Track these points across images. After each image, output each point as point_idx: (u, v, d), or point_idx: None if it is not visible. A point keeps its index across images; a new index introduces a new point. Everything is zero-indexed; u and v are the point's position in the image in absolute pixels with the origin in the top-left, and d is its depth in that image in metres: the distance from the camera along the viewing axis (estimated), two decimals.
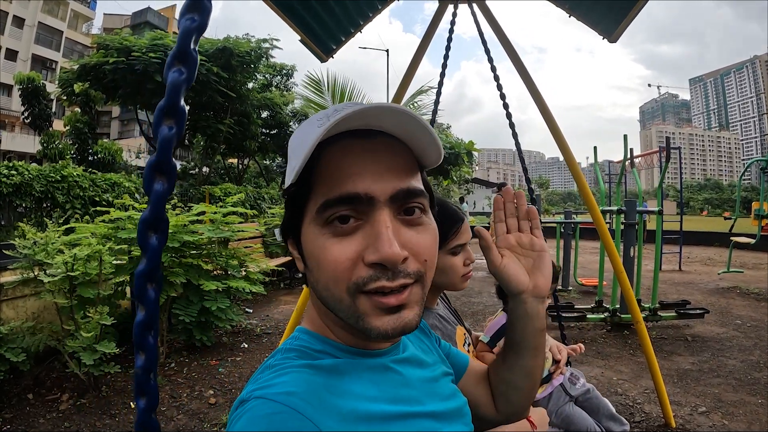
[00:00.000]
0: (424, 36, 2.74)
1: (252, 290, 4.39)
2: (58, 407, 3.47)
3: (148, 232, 0.78)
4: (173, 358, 4.43)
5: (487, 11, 2.75)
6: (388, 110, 0.60)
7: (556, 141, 2.79)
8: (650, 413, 3.41)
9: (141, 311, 0.79)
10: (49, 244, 3.70)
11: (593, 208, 2.93)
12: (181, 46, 0.75)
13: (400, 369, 0.73)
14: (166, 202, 0.80)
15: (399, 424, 0.64)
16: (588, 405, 1.92)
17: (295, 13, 2.68)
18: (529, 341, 0.87)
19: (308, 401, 0.56)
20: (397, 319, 0.61)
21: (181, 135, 0.78)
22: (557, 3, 2.85)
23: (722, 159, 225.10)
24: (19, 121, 32.70)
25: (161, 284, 0.81)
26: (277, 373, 0.61)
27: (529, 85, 2.74)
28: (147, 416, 0.81)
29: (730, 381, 3.94)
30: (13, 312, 3.89)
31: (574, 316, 5.36)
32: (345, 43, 3.06)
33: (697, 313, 5.47)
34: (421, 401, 0.71)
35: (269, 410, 0.54)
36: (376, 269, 0.59)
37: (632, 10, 2.52)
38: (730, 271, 8.52)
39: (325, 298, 0.64)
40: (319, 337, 0.70)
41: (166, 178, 0.77)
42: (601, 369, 4.25)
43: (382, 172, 0.61)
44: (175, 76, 0.75)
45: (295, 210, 0.66)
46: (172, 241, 3.94)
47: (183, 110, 0.77)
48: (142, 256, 0.78)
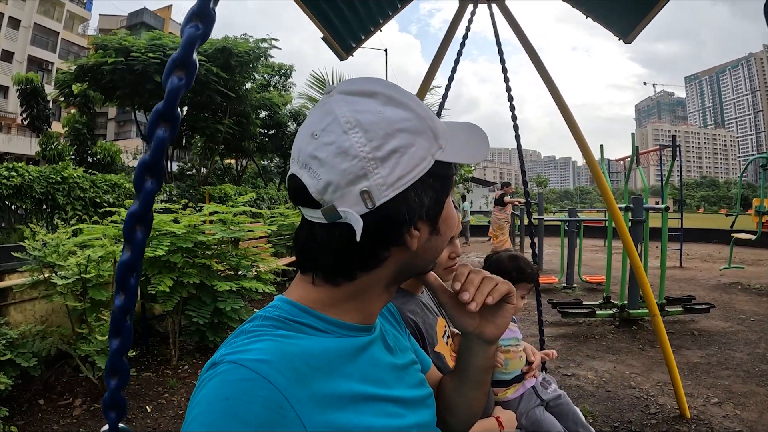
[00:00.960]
0: (445, 36, 2.75)
1: (264, 290, 4.38)
2: (71, 413, 3.42)
3: (135, 226, 0.83)
4: (186, 360, 4.40)
5: (506, 11, 2.76)
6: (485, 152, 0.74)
7: (578, 143, 2.80)
8: (665, 405, 3.45)
9: (120, 296, 0.86)
10: (60, 245, 3.66)
11: (613, 206, 2.94)
12: (184, 53, 0.78)
13: (374, 348, 0.73)
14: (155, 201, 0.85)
15: (365, 406, 0.64)
16: (558, 411, 1.91)
17: (320, 10, 2.70)
18: (473, 374, 0.88)
19: (280, 371, 0.55)
20: None
21: (173, 138, 0.84)
22: (574, 4, 2.86)
23: (718, 156, 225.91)
24: (15, 122, 32.60)
25: (140, 273, 0.89)
26: (253, 339, 0.60)
27: (549, 85, 2.75)
28: (116, 394, 0.89)
29: (738, 373, 4.00)
30: (21, 315, 3.84)
31: (584, 312, 5.38)
32: (364, 42, 3.08)
33: (703, 308, 5.51)
34: (389, 385, 0.71)
35: (240, 376, 0.54)
36: None
37: (651, 11, 2.53)
38: (731, 267, 8.56)
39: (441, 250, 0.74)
40: (302, 308, 0.68)
41: (156, 178, 0.83)
42: (613, 363, 4.28)
43: None
44: (175, 82, 0.78)
45: (446, 186, 0.71)
46: (185, 241, 3.93)
47: (177, 115, 0.82)
48: (126, 248, 0.84)
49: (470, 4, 2.72)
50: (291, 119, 18.44)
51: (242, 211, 4.54)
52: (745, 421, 3.17)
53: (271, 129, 18.25)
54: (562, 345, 4.81)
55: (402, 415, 0.70)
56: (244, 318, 4.53)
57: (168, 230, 3.93)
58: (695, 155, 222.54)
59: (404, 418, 0.70)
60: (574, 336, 5.12)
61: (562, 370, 4.15)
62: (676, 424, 3.18)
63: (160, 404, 3.58)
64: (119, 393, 0.89)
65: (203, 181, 16.23)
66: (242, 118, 15.58)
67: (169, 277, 3.76)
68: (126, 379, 0.89)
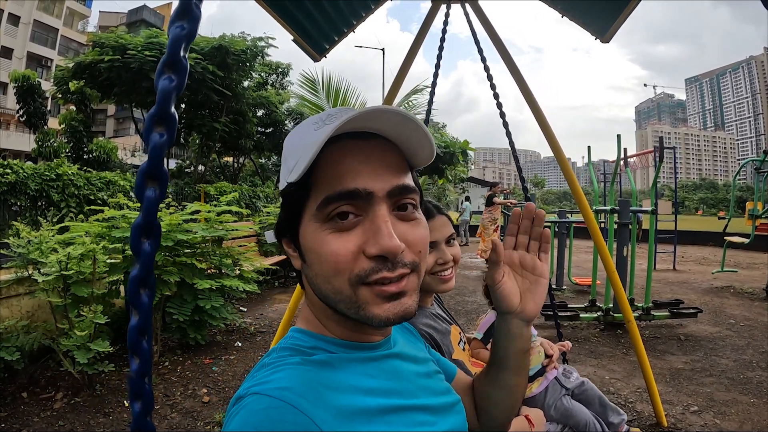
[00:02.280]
0: (417, 35, 2.75)
1: (246, 289, 4.39)
2: (52, 406, 3.46)
3: (141, 238, 0.79)
4: (167, 357, 4.42)
5: (479, 11, 2.76)
6: (387, 112, 0.63)
7: (548, 141, 2.80)
8: (642, 412, 3.43)
9: (135, 316, 0.80)
10: (43, 243, 3.69)
11: (584, 207, 2.94)
12: (172, 53, 0.76)
13: (393, 362, 0.75)
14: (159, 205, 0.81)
15: (394, 417, 0.65)
16: (584, 397, 1.94)
17: (287, 12, 2.69)
18: (512, 360, 0.88)
19: (303, 396, 0.57)
20: (397, 305, 0.64)
21: (172, 141, 0.79)
22: (550, 3, 2.86)
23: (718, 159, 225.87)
24: (14, 119, 32.53)
25: (154, 289, 0.82)
26: (273, 370, 0.63)
27: (520, 84, 2.75)
28: (143, 419, 0.82)
29: (722, 380, 3.96)
30: (8, 311, 3.87)
31: (568, 315, 5.38)
32: (338, 43, 3.06)
33: (690, 313, 5.49)
34: (415, 394, 0.72)
35: (265, 405, 0.56)
36: (377, 261, 0.63)
37: (624, 10, 2.53)
38: (724, 270, 8.56)
39: (324, 291, 0.66)
40: (312, 334, 0.72)
41: (158, 184, 0.79)
42: (594, 368, 4.26)
43: (379, 171, 0.65)
44: (165, 84, 0.76)
45: (293, 209, 0.68)
46: (165, 240, 3.94)
47: (174, 117, 0.78)
48: (134, 262, 0.79)
49: (443, 4, 2.72)
50: (288, 118, 18.40)
51: (225, 210, 4.54)
52: (724, 430, 3.14)
53: (269, 127, 18.19)
54: None
55: (432, 423, 0.71)
56: (224, 316, 4.55)
57: None
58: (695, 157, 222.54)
59: (435, 425, 0.72)
60: (557, 339, 5.10)
61: None
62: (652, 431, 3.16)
63: None
64: (146, 419, 0.82)
65: (200, 179, 16.22)
66: (239, 117, 15.52)
67: None
68: (151, 404, 0.83)
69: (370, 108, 0.62)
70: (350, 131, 0.65)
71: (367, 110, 0.61)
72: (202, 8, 0.80)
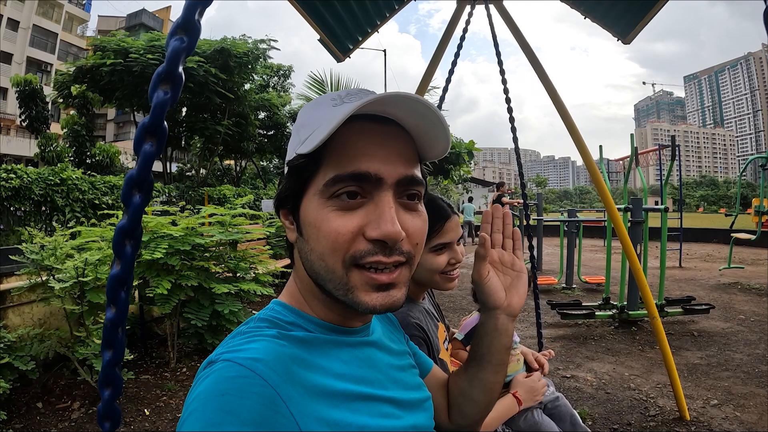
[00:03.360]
0: (443, 36, 2.74)
1: (263, 292, 4.37)
2: (69, 416, 3.40)
3: (124, 241, 0.83)
4: (184, 363, 4.39)
5: (504, 11, 2.74)
6: (412, 100, 0.63)
7: (575, 142, 2.78)
8: (664, 407, 3.44)
9: (112, 310, 0.85)
10: (57, 248, 3.64)
11: (611, 208, 2.93)
12: (170, 66, 0.77)
13: (369, 350, 0.75)
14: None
15: (360, 405, 0.65)
16: (556, 412, 1.90)
17: (316, 12, 2.69)
18: (494, 356, 0.89)
19: (274, 369, 0.57)
20: (386, 297, 0.65)
21: (161, 151, 0.83)
22: (572, 4, 2.85)
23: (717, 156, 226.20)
24: (14, 124, 32.55)
25: (131, 288, 0.88)
26: (248, 340, 0.63)
27: (547, 85, 2.73)
28: (110, 405, 0.88)
29: (738, 374, 3.99)
30: (19, 319, 3.82)
31: (583, 314, 5.37)
32: (361, 44, 3.06)
33: (702, 309, 5.50)
34: (385, 386, 0.73)
35: (234, 373, 0.55)
36: (375, 245, 0.63)
37: (650, 12, 2.52)
38: (731, 267, 8.56)
39: (316, 268, 0.66)
40: (293, 310, 0.72)
41: (144, 192, 0.82)
42: (612, 365, 4.26)
43: (392, 157, 0.66)
44: (160, 96, 0.77)
45: (298, 181, 0.68)
46: (183, 244, 3.91)
47: (165, 129, 0.81)
48: (116, 262, 0.84)
49: (468, 5, 2.71)
50: (290, 120, 18.39)
51: (240, 213, 4.52)
52: (745, 423, 3.16)
53: (270, 130, 18.19)
54: (561, 346, 4.80)
55: (398, 417, 0.71)
56: (242, 320, 4.50)
57: (166, 233, 3.92)
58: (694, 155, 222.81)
59: (400, 419, 0.71)
60: (573, 337, 5.11)
61: (561, 371, 4.14)
62: (676, 426, 3.16)
63: (158, 407, 3.56)
64: (113, 404, 0.88)
65: (202, 182, 16.21)
66: (241, 119, 15.52)
67: (167, 279, 3.74)
68: (119, 390, 0.89)
69: (395, 92, 0.62)
70: (369, 113, 0.65)
71: (391, 94, 0.61)
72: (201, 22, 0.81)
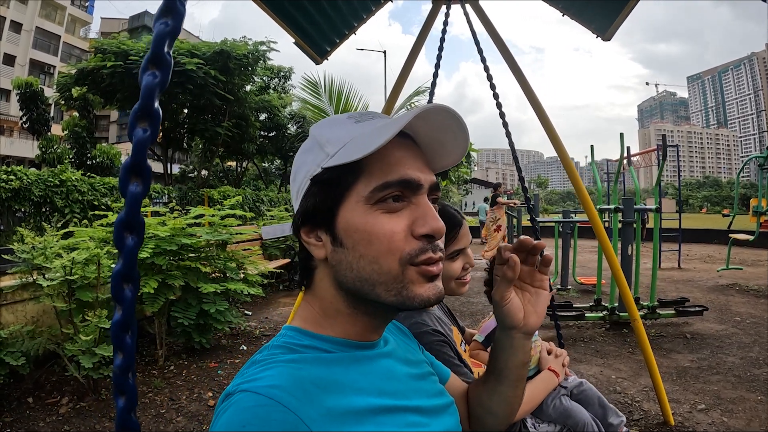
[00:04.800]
0: (418, 36, 2.74)
1: (250, 292, 4.39)
2: (57, 411, 3.45)
3: (124, 233, 0.79)
4: (172, 361, 4.41)
5: (480, 11, 2.75)
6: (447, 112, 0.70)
7: (551, 140, 2.79)
8: (649, 411, 3.40)
9: (118, 311, 0.80)
10: (47, 248, 3.69)
11: (589, 207, 2.93)
12: (156, 49, 0.77)
13: (386, 362, 0.75)
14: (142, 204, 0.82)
15: (386, 418, 0.65)
16: (583, 397, 1.91)
17: (288, 15, 2.69)
18: (512, 372, 0.88)
19: (293, 394, 0.57)
20: (434, 287, 0.68)
21: (156, 137, 0.80)
22: (551, 2, 2.85)
23: (721, 156, 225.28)
24: (17, 125, 32.68)
25: (138, 284, 0.82)
26: (263, 368, 0.63)
27: (523, 84, 2.73)
28: (127, 415, 0.81)
29: (729, 378, 3.93)
30: (13, 316, 3.87)
31: (573, 315, 5.33)
32: (339, 45, 3.06)
33: (695, 311, 5.46)
34: (407, 395, 0.72)
35: (253, 402, 0.56)
36: (424, 241, 0.67)
37: (624, 8, 2.53)
38: (729, 268, 8.51)
39: (366, 274, 0.67)
40: (307, 333, 0.72)
41: (141, 180, 0.79)
42: (600, 367, 4.24)
43: (423, 167, 0.71)
44: (149, 79, 0.77)
45: (333, 193, 0.69)
46: (170, 244, 3.93)
47: (157, 113, 0.79)
48: (118, 257, 0.79)
49: (443, 5, 2.72)
50: (291, 121, 18.45)
51: (229, 214, 4.54)
52: (731, 428, 3.11)
53: (271, 131, 18.25)
54: None
55: (425, 425, 0.72)
56: (229, 320, 4.55)
57: (153, 233, 3.96)
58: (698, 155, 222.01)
59: (427, 427, 0.72)
60: (563, 339, 5.08)
61: None
62: (660, 430, 3.13)
63: (143, 403, 3.60)
64: (130, 415, 0.81)
65: (203, 184, 16.27)
66: (242, 121, 15.58)
67: (155, 279, 3.78)
68: (134, 400, 0.82)
69: (439, 105, 0.68)
70: None
71: (437, 106, 0.68)
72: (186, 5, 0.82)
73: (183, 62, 12.18)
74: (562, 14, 2.87)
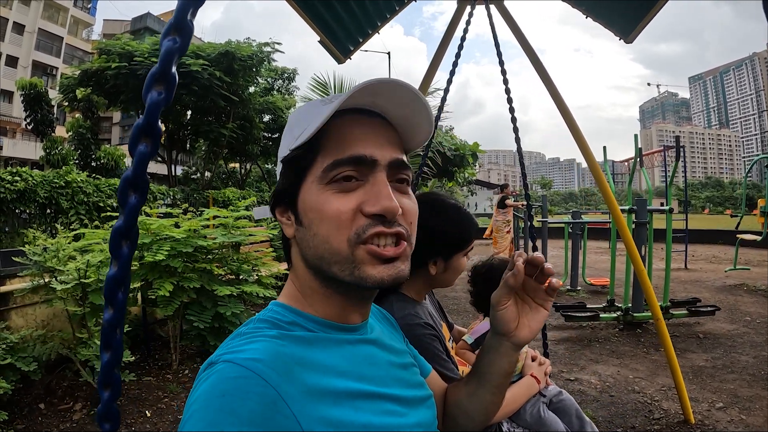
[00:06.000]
0: (444, 37, 2.71)
1: (264, 294, 4.36)
2: (71, 417, 3.41)
3: (120, 241, 0.84)
4: (187, 365, 4.39)
5: (505, 12, 2.72)
6: (398, 85, 0.68)
7: (578, 143, 2.76)
8: (669, 410, 3.40)
9: (110, 311, 0.85)
10: (60, 250, 3.66)
11: (614, 208, 2.91)
12: (163, 67, 0.79)
13: (369, 348, 0.76)
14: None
15: (363, 403, 0.66)
16: (560, 407, 1.90)
17: (316, 13, 2.69)
18: (494, 377, 0.88)
19: (274, 369, 0.57)
20: (391, 268, 0.67)
21: (156, 152, 0.83)
22: (573, 4, 2.83)
23: (723, 157, 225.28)
24: (20, 127, 32.77)
25: (129, 288, 0.88)
26: (247, 340, 0.63)
27: (549, 87, 2.70)
28: (110, 405, 0.88)
29: (744, 376, 3.95)
30: (22, 320, 3.84)
31: (587, 316, 5.34)
32: (362, 45, 3.06)
33: (708, 311, 5.46)
34: (387, 383, 0.73)
35: (234, 374, 0.56)
36: (375, 219, 0.66)
37: (651, 10, 2.51)
38: (737, 268, 8.51)
39: (320, 252, 0.68)
40: (293, 310, 0.73)
41: (140, 193, 0.83)
42: (617, 368, 4.23)
43: (383, 143, 0.71)
44: (154, 97, 0.79)
45: (295, 173, 0.72)
46: (185, 246, 3.91)
47: (159, 130, 0.82)
48: (113, 263, 0.84)
49: (468, 5, 2.69)
50: None
51: (243, 215, 4.52)
52: (751, 426, 3.13)
53: (275, 133, 18.25)
54: (566, 349, 4.76)
55: (402, 414, 0.71)
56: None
57: (168, 235, 3.93)
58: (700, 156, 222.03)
59: (405, 417, 0.72)
60: (577, 340, 5.07)
61: (565, 374, 4.11)
62: (680, 429, 3.13)
63: (159, 409, 3.57)
64: (113, 405, 0.88)
65: (207, 185, 16.28)
66: (246, 122, 15.60)
67: (170, 281, 3.75)
68: (118, 391, 0.88)
69: (383, 78, 0.66)
70: (359, 107, 0.71)
71: (380, 79, 0.66)
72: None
73: (188, 63, 12.19)
74: (585, 16, 2.85)
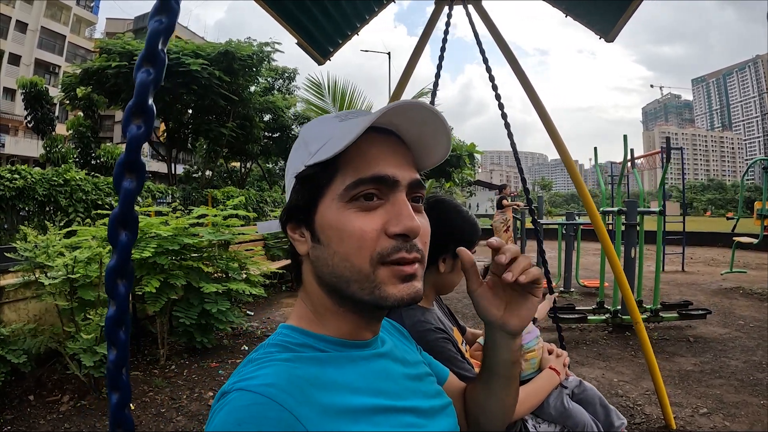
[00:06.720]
0: (421, 37, 2.73)
1: (252, 292, 4.39)
2: (58, 408, 3.47)
3: (118, 229, 0.80)
4: (174, 361, 4.42)
5: (483, 12, 2.73)
6: (421, 107, 0.69)
7: (554, 142, 2.77)
8: (650, 415, 3.38)
9: (112, 306, 0.80)
10: (49, 246, 3.71)
11: (591, 209, 2.92)
12: (150, 47, 0.78)
13: (382, 362, 0.75)
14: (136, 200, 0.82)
15: (381, 418, 0.65)
16: (583, 397, 1.91)
17: (290, 15, 2.69)
18: (500, 368, 0.88)
19: (288, 392, 0.57)
20: (410, 287, 0.67)
21: (150, 134, 0.81)
22: (553, 3, 2.84)
23: (725, 159, 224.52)
24: (22, 125, 32.83)
25: (132, 280, 0.82)
26: (259, 366, 0.63)
27: (525, 86, 2.72)
28: (120, 412, 0.81)
29: (732, 382, 3.90)
30: (15, 314, 3.89)
31: (575, 318, 5.31)
32: (342, 46, 3.06)
33: (699, 314, 5.42)
34: (404, 396, 0.72)
35: (249, 401, 0.56)
36: (398, 240, 0.66)
37: (627, 9, 2.52)
38: (733, 271, 8.48)
39: (339, 271, 0.67)
40: (303, 331, 0.72)
41: (135, 176, 0.80)
42: (602, 371, 4.22)
43: (402, 163, 0.71)
44: (143, 77, 0.78)
45: (312, 190, 0.70)
46: (172, 243, 3.95)
47: (151, 110, 0.80)
48: (112, 253, 0.80)
49: (446, 5, 2.70)
50: (295, 122, 18.46)
51: (232, 214, 4.55)
52: None
53: (275, 132, 18.27)
54: None
55: (422, 426, 0.71)
56: (231, 319, 4.55)
57: (155, 233, 3.97)
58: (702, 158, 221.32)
59: (424, 428, 0.72)
60: (565, 342, 5.05)
61: None
62: None
63: (143, 402, 3.61)
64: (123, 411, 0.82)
65: (207, 184, 16.31)
66: (246, 122, 15.61)
67: (156, 278, 3.79)
68: (128, 395, 0.82)
69: (409, 101, 0.67)
70: (375, 125, 0.68)
71: (407, 102, 0.67)
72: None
73: (187, 63, 12.21)
74: (565, 15, 2.86)
